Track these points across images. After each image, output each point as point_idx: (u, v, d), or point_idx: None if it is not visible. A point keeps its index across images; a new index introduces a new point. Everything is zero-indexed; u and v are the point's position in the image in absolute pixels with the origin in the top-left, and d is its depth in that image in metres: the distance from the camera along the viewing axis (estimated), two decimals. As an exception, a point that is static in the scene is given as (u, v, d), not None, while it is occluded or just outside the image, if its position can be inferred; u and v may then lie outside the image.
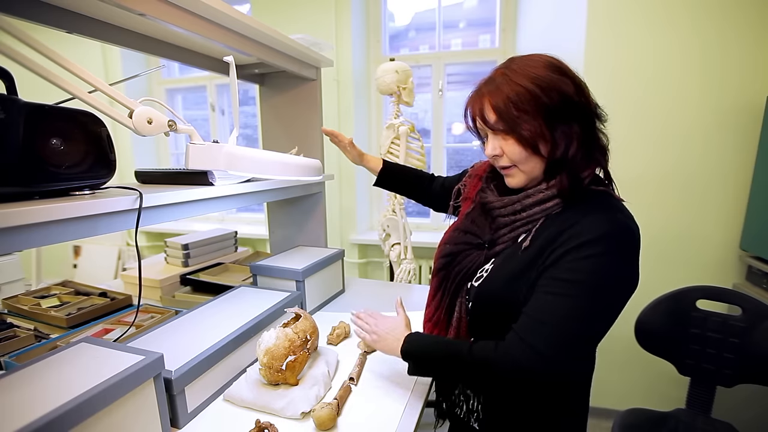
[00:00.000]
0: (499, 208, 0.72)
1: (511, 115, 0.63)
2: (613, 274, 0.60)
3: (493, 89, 0.65)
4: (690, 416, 1.24)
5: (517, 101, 0.63)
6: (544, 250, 0.63)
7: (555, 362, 0.59)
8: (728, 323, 1.20)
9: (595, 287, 0.59)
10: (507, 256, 0.69)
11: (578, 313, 0.59)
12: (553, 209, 0.66)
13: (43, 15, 0.74)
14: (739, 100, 1.51)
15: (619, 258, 0.60)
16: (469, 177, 0.92)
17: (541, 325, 0.60)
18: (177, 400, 0.71)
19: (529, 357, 0.59)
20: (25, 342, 0.96)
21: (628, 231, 0.61)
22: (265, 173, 0.76)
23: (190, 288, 1.39)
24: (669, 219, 1.63)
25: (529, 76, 0.63)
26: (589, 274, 0.59)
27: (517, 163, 0.67)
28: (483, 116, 0.67)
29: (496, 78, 0.67)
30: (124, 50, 2.55)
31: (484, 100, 0.66)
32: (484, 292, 0.70)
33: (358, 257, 2.43)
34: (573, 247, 0.60)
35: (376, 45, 2.40)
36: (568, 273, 0.60)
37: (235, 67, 0.75)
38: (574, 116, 0.64)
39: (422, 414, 0.80)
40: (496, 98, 0.64)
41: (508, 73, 0.65)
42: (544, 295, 0.61)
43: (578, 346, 0.61)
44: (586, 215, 0.62)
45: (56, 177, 0.67)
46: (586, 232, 0.60)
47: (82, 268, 2.96)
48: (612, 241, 0.60)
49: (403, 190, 1.17)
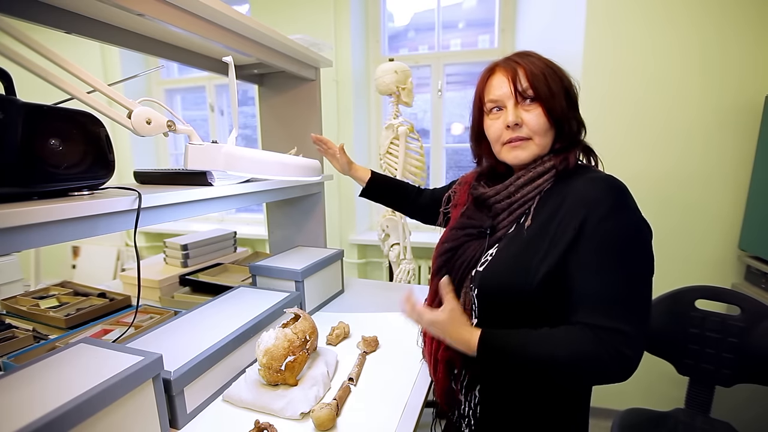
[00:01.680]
0: (493, 196, 0.74)
1: (545, 85, 0.67)
2: (632, 223, 0.63)
3: (527, 61, 0.69)
4: (689, 416, 1.24)
5: (551, 76, 0.68)
6: (549, 224, 0.65)
7: (641, 339, 0.60)
8: (727, 323, 1.21)
9: (628, 245, 0.61)
10: (511, 237, 0.70)
11: (637, 279, 0.61)
12: (544, 186, 0.69)
13: (41, 15, 0.73)
14: (739, 100, 1.51)
15: (628, 206, 0.64)
16: (459, 185, 0.94)
17: (613, 305, 0.60)
18: (176, 401, 0.71)
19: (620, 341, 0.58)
20: (24, 343, 0.96)
21: (621, 183, 0.66)
22: (264, 173, 0.76)
23: (189, 288, 1.39)
24: (668, 218, 1.64)
25: (550, 62, 0.70)
26: (618, 235, 0.61)
27: (535, 135, 0.70)
28: (515, 81, 0.69)
29: (523, 55, 0.71)
30: (123, 50, 2.55)
31: (518, 68, 0.69)
32: (492, 275, 0.68)
33: (358, 257, 2.43)
34: (587, 210, 0.62)
35: (376, 45, 2.41)
36: (602, 245, 0.61)
37: (234, 67, 0.75)
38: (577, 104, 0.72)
39: (421, 414, 0.80)
40: (533, 68, 0.68)
41: (532, 55, 0.70)
42: (597, 275, 0.61)
43: (649, 311, 0.62)
44: (579, 180, 0.66)
45: (55, 177, 0.66)
46: (590, 194, 0.63)
47: (81, 268, 2.95)
48: (617, 194, 0.63)
49: (389, 201, 1.18)
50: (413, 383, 0.86)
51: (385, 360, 0.96)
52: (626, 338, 0.59)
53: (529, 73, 0.68)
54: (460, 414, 0.77)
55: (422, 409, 0.80)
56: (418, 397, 0.82)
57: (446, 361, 0.76)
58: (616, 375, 0.60)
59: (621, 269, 0.61)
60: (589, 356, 0.59)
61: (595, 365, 0.59)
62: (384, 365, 0.94)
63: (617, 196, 0.63)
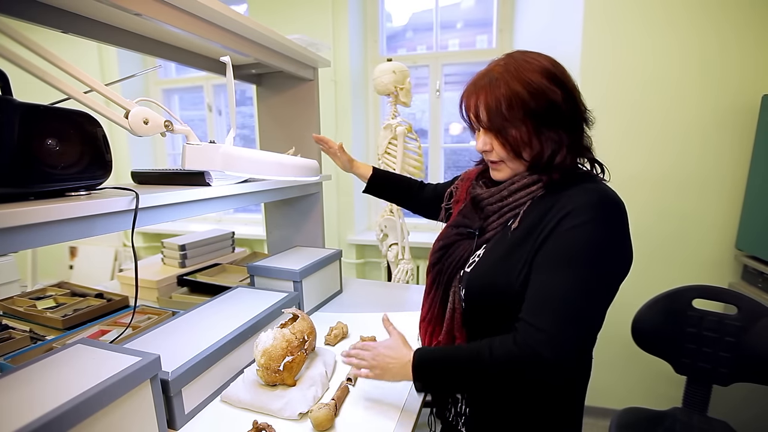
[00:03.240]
0: (486, 198, 0.75)
1: (501, 116, 0.66)
2: (605, 240, 0.60)
3: (488, 87, 0.67)
4: (686, 415, 1.25)
5: (508, 104, 0.65)
6: (534, 229, 0.65)
7: (563, 343, 0.57)
8: (724, 322, 1.21)
9: (588, 257, 0.59)
10: (497, 240, 0.71)
11: (579, 287, 0.59)
12: (537, 192, 0.69)
13: (38, 15, 0.73)
14: (737, 101, 1.51)
15: (606, 225, 0.61)
16: (462, 180, 0.94)
17: (543, 304, 0.59)
18: (174, 402, 0.71)
19: (539, 340, 0.57)
20: (21, 344, 0.95)
21: (612, 199, 0.63)
22: (262, 174, 0.76)
23: (187, 289, 1.39)
24: (665, 218, 1.64)
25: (522, 80, 0.64)
26: (580, 244, 0.60)
27: (504, 160, 0.71)
28: (477, 113, 0.69)
29: (493, 74, 0.68)
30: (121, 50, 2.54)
31: (480, 96, 0.68)
32: (477, 276, 0.70)
33: (356, 257, 2.43)
34: (560, 219, 0.61)
35: (374, 45, 2.41)
36: (561, 247, 0.61)
37: (231, 67, 0.75)
38: (561, 123, 0.66)
39: (420, 414, 0.80)
40: (489, 98, 0.66)
41: (504, 73, 0.66)
42: (542, 275, 0.61)
43: (584, 323, 0.60)
44: (569, 190, 0.64)
45: (52, 177, 0.66)
46: (570, 204, 0.62)
47: (79, 269, 2.94)
48: (597, 207, 0.61)
49: (392, 197, 1.18)
50: (411, 383, 0.86)
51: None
52: (546, 338, 0.57)
53: (486, 105, 0.67)
54: (456, 412, 0.78)
55: (420, 408, 0.81)
56: (416, 396, 0.82)
57: None
58: (532, 373, 0.59)
59: (566, 273, 0.59)
60: (505, 352, 0.60)
61: (510, 360, 0.59)
62: (382, 365, 0.94)
63: (600, 210, 0.61)
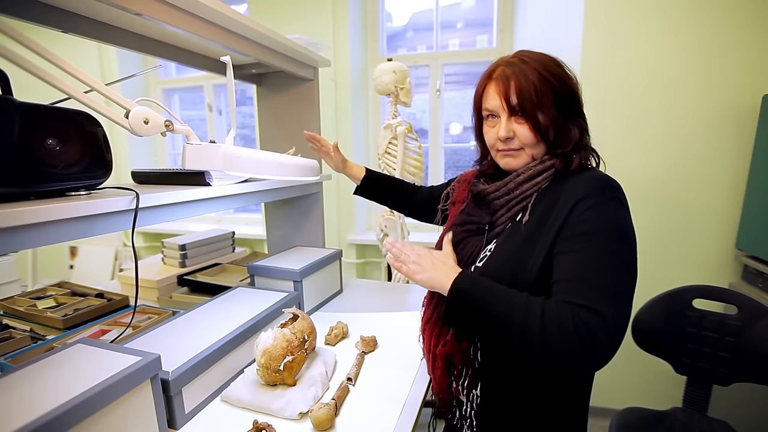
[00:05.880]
0: (493, 192, 0.75)
1: (533, 101, 0.67)
2: (623, 217, 0.63)
3: (519, 73, 0.68)
4: (687, 415, 1.25)
5: (540, 89, 0.67)
6: (546, 219, 0.66)
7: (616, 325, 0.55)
8: (724, 322, 1.21)
9: (609, 231, 0.61)
10: (509, 233, 0.71)
11: (609, 261, 0.59)
12: (542, 183, 0.70)
13: (38, 14, 0.73)
14: (737, 100, 1.51)
15: (618, 203, 0.64)
16: (458, 182, 0.94)
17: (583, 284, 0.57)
18: (174, 401, 0.71)
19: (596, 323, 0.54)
20: (21, 343, 0.95)
21: (616, 183, 0.66)
22: (262, 173, 0.76)
23: (187, 289, 1.39)
24: (665, 218, 1.64)
25: (546, 67, 0.68)
26: (598, 221, 0.61)
27: (527, 147, 0.71)
28: (507, 96, 0.69)
29: (517, 63, 0.69)
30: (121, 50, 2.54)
31: (511, 80, 0.68)
32: (492, 269, 0.69)
33: (356, 257, 2.43)
34: (574, 204, 0.63)
35: (374, 45, 2.41)
36: (580, 227, 0.62)
37: (232, 67, 0.75)
38: (579, 110, 0.71)
39: (420, 414, 0.80)
40: (522, 82, 0.67)
41: (530, 62, 0.68)
42: (568, 255, 0.61)
43: (623, 296, 0.58)
44: (572, 179, 0.67)
45: (52, 177, 0.66)
46: (580, 189, 0.64)
47: (79, 268, 2.94)
48: (606, 189, 0.64)
49: (384, 199, 1.17)
50: (412, 383, 0.86)
51: (384, 360, 0.96)
52: (603, 322, 0.54)
53: (518, 88, 0.67)
54: (461, 415, 0.77)
55: (421, 408, 0.80)
56: (417, 396, 0.82)
57: (444, 356, 0.76)
58: (583, 357, 0.55)
59: (596, 253, 0.59)
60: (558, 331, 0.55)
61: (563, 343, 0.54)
62: (382, 365, 0.94)
63: (606, 192, 0.63)
